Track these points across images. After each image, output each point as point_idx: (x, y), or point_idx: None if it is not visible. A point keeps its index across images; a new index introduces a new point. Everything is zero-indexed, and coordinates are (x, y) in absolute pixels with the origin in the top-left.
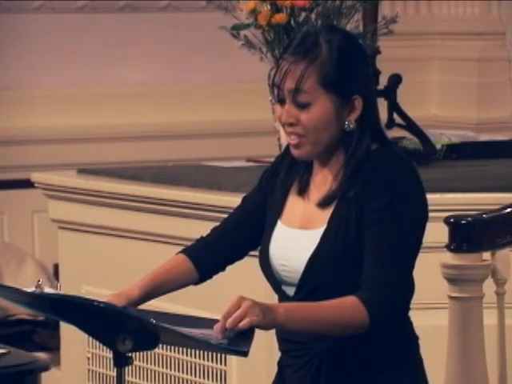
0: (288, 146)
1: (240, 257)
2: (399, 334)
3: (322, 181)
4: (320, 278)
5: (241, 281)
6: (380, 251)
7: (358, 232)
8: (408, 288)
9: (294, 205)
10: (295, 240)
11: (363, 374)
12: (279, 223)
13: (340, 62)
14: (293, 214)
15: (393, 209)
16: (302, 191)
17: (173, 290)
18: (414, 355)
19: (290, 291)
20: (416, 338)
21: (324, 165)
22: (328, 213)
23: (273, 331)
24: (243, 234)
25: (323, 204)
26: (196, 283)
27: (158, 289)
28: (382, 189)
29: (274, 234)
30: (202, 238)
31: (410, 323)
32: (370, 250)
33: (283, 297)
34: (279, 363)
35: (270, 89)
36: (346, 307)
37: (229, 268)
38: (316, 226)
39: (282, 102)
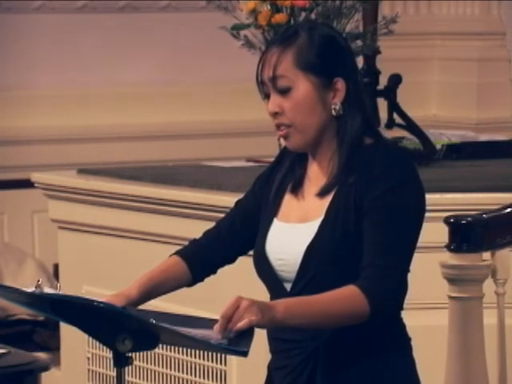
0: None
1: (232, 260)
2: (394, 332)
3: (319, 173)
4: (318, 268)
5: (240, 281)
6: (380, 238)
7: (357, 221)
8: (406, 277)
9: (290, 203)
10: (292, 234)
11: (358, 370)
12: (275, 221)
13: (320, 45)
14: (289, 211)
15: (393, 197)
16: (297, 190)
17: (168, 292)
18: (408, 355)
19: (287, 286)
20: (409, 339)
21: (317, 157)
22: (325, 203)
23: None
24: (237, 238)
25: (323, 193)
26: (189, 285)
27: (155, 289)
28: (381, 177)
29: (270, 231)
30: (194, 240)
31: (404, 325)
32: (369, 238)
33: (280, 293)
34: (269, 366)
35: (257, 87)
36: (346, 298)
37: (228, 268)
38: (313, 218)
39: (268, 96)
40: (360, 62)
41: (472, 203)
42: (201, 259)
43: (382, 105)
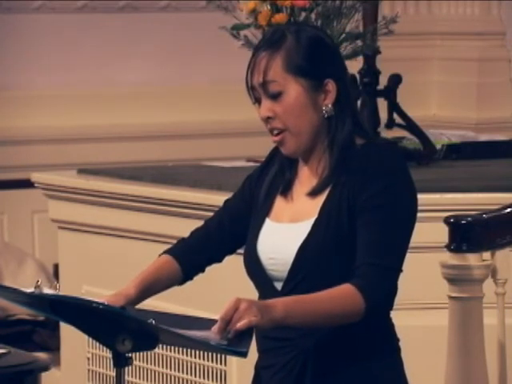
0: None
1: (220, 259)
2: (385, 332)
3: (310, 175)
4: (310, 267)
5: (238, 280)
6: (375, 237)
7: (350, 220)
8: (398, 277)
9: (282, 204)
10: (285, 233)
11: (347, 369)
12: (267, 221)
13: (307, 47)
14: (282, 212)
15: (387, 196)
16: (288, 191)
17: (162, 290)
18: (397, 355)
19: (278, 285)
20: (398, 339)
21: (308, 159)
22: (318, 203)
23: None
24: (225, 237)
25: (314, 193)
26: (179, 284)
27: (151, 287)
28: (374, 176)
29: (262, 231)
30: (182, 239)
31: (393, 324)
32: (364, 236)
33: (270, 292)
34: (256, 365)
35: (247, 92)
36: (343, 296)
37: (226, 267)
38: (306, 218)
39: (258, 101)
40: (360, 61)
41: (472, 203)
42: (190, 259)
43: (382, 105)
